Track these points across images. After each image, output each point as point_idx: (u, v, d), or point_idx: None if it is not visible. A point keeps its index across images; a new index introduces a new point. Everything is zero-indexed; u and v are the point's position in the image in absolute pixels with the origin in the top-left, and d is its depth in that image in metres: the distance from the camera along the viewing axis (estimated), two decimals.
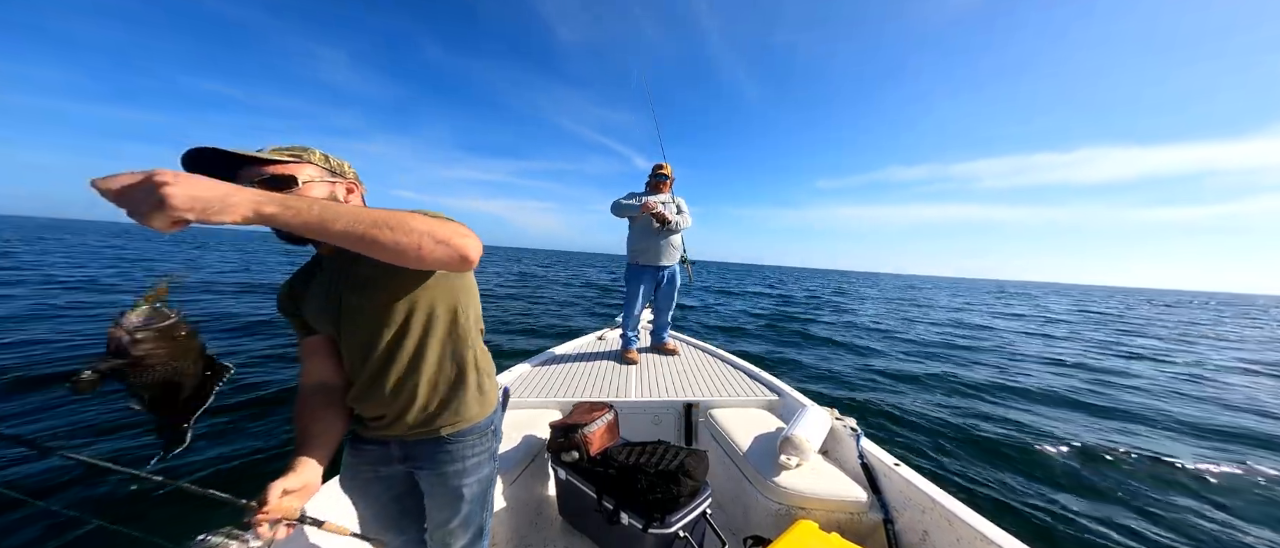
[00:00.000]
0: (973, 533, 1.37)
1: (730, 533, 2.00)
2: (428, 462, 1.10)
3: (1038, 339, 12.04)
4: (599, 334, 3.97)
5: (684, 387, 2.71)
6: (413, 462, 1.10)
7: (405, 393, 1.02)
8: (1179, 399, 6.36)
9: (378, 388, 1.02)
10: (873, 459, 1.81)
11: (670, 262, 3.44)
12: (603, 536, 1.86)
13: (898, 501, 1.66)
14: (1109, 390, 6.59)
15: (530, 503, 2.12)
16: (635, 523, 1.63)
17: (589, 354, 3.41)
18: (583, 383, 2.80)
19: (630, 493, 1.66)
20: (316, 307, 1.01)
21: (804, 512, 1.68)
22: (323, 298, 1.01)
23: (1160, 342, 12.92)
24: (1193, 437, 4.83)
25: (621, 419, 2.10)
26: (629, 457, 1.77)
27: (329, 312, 1.00)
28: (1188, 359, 9.99)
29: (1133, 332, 15.30)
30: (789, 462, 1.79)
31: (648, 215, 3.23)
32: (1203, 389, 7.06)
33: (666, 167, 3.47)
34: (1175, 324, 19.57)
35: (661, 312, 3.55)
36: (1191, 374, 8.27)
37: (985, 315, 18.26)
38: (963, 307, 22.92)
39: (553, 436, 1.93)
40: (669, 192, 3.47)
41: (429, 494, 1.12)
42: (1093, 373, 7.86)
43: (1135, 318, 21.94)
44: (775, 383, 2.65)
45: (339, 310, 1.00)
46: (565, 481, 1.95)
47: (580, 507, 1.93)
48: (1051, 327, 15.47)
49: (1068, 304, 31.77)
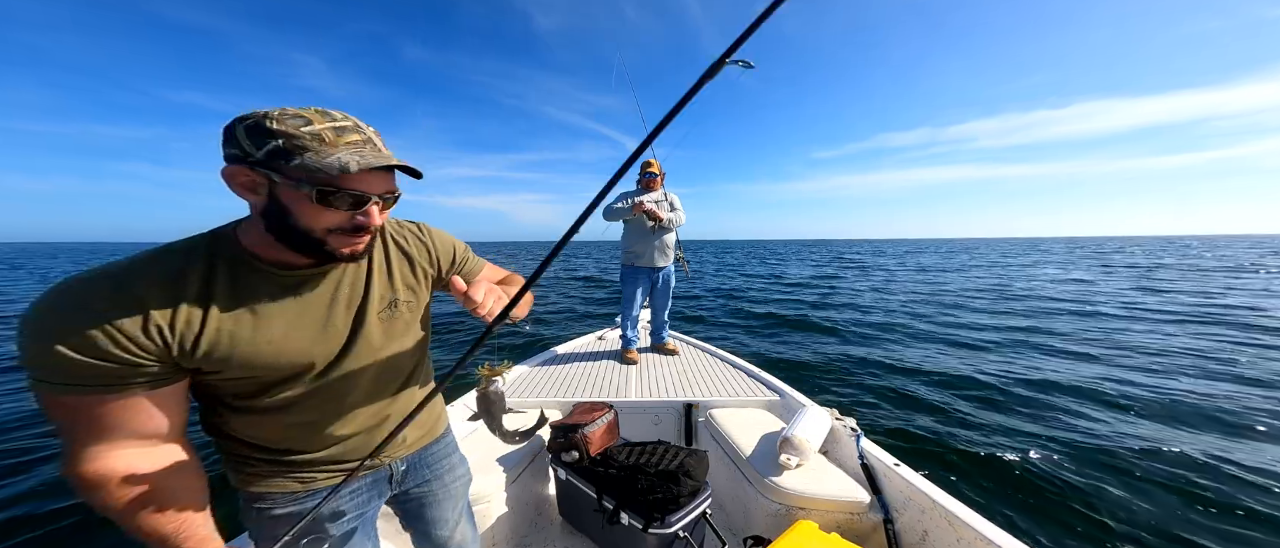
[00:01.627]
0: (973, 533, 1.37)
1: (730, 533, 2.00)
2: (431, 467, 1.09)
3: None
4: (599, 334, 3.97)
5: (684, 387, 2.71)
6: (413, 476, 1.06)
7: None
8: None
9: (386, 408, 0.92)
10: (873, 459, 1.81)
11: (665, 262, 3.43)
12: (603, 536, 1.86)
13: (898, 501, 1.66)
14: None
15: (530, 503, 2.12)
16: (635, 523, 1.63)
17: (589, 354, 3.41)
18: (583, 383, 2.80)
19: (630, 493, 1.66)
20: (282, 332, 0.74)
21: (804, 512, 1.68)
22: (304, 317, 0.77)
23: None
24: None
25: (621, 419, 2.10)
26: (629, 457, 1.77)
27: (329, 332, 0.80)
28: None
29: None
30: (789, 462, 1.79)
31: (641, 216, 3.22)
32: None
33: (655, 163, 3.42)
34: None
35: (659, 312, 3.55)
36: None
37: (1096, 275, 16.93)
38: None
39: (553, 436, 1.93)
40: (660, 188, 3.44)
41: (432, 500, 1.11)
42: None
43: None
44: (775, 383, 2.65)
45: (360, 328, 0.83)
46: (565, 481, 1.95)
47: (580, 507, 1.93)
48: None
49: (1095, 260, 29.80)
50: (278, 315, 0.74)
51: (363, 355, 0.84)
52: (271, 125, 0.62)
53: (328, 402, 0.83)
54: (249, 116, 0.63)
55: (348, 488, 0.91)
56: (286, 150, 0.62)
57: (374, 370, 0.88)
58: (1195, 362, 6.11)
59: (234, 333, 0.70)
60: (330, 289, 0.80)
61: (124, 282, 0.63)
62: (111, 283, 0.62)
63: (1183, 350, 6.69)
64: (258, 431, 0.80)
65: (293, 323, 0.75)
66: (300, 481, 0.85)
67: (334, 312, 0.80)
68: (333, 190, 0.66)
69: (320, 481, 0.86)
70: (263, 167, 0.63)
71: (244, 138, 0.62)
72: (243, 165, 0.64)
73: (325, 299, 0.79)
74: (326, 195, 0.66)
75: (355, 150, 0.66)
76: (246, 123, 0.62)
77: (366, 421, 0.89)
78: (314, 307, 0.78)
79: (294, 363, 0.76)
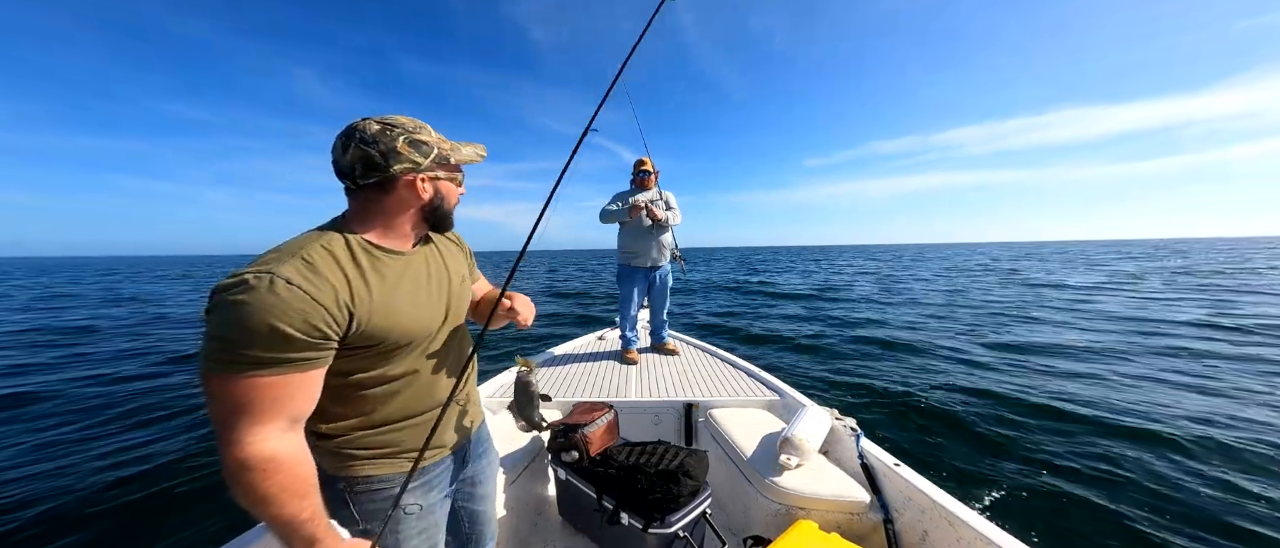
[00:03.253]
0: (973, 534, 1.37)
1: (730, 533, 2.00)
2: (482, 443, 1.18)
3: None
4: (599, 334, 3.97)
5: (684, 387, 2.71)
6: (474, 454, 1.14)
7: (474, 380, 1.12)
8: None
9: (468, 382, 1.03)
10: (873, 459, 1.81)
11: (662, 262, 3.43)
12: (603, 536, 1.86)
13: (898, 501, 1.66)
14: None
15: (530, 503, 2.12)
16: (635, 523, 1.63)
17: (589, 354, 3.41)
18: (583, 383, 2.80)
19: (630, 493, 1.66)
20: (411, 303, 0.87)
21: (804, 512, 1.68)
22: (419, 291, 0.90)
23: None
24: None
25: (621, 419, 2.10)
26: (629, 457, 1.77)
27: (434, 303, 0.93)
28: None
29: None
30: (789, 462, 1.79)
31: (637, 218, 3.21)
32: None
33: (649, 161, 3.39)
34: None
35: (657, 311, 3.55)
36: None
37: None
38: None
39: (553, 436, 1.93)
40: (655, 187, 3.42)
41: (484, 478, 1.18)
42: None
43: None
44: (775, 383, 2.65)
45: (449, 297, 0.98)
46: (565, 481, 1.95)
47: (580, 507, 1.93)
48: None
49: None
50: (405, 289, 0.87)
51: (453, 320, 0.99)
52: (422, 136, 0.84)
53: (434, 365, 0.95)
54: (391, 133, 0.80)
55: (442, 464, 1.00)
56: (442, 153, 0.86)
57: (459, 336, 1.02)
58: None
59: (389, 304, 0.82)
60: (425, 268, 0.94)
61: (312, 262, 0.72)
62: (304, 264, 0.71)
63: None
64: (378, 406, 0.87)
65: (415, 295, 0.89)
66: (411, 459, 0.90)
67: (432, 285, 0.95)
68: (461, 172, 0.95)
69: (425, 458, 0.92)
70: (431, 169, 0.86)
71: (411, 151, 0.82)
72: (417, 174, 0.84)
73: (424, 275, 0.93)
74: (460, 178, 0.95)
75: (448, 141, 0.91)
76: (407, 138, 0.81)
77: (450, 386, 0.98)
78: (422, 281, 0.92)
79: (425, 328, 0.90)
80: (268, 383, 0.66)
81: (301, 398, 0.71)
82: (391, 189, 0.83)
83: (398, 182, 0.82)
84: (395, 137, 0.80)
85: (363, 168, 0.79)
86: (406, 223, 0.89)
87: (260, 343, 0.64)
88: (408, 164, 0.81)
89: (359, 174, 0.80)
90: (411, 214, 0.89)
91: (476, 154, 0.93)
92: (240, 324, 0.64)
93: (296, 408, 0.71)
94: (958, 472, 3.41)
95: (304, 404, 0.73)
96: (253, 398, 0.65)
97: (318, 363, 0.72)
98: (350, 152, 0.78)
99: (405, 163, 0.81)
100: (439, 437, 0.95)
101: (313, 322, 0.69)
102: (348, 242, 0.80)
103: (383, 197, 0.84)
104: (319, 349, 0.71)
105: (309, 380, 0.72)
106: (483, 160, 0.95)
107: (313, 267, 0.72)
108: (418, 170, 0.83)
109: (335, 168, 0.82)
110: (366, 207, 0.85)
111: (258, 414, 0.66)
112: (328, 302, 0.71)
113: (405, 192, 0.84)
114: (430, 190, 0.87)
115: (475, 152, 0.93)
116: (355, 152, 0.78)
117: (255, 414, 0.66)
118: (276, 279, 0.67)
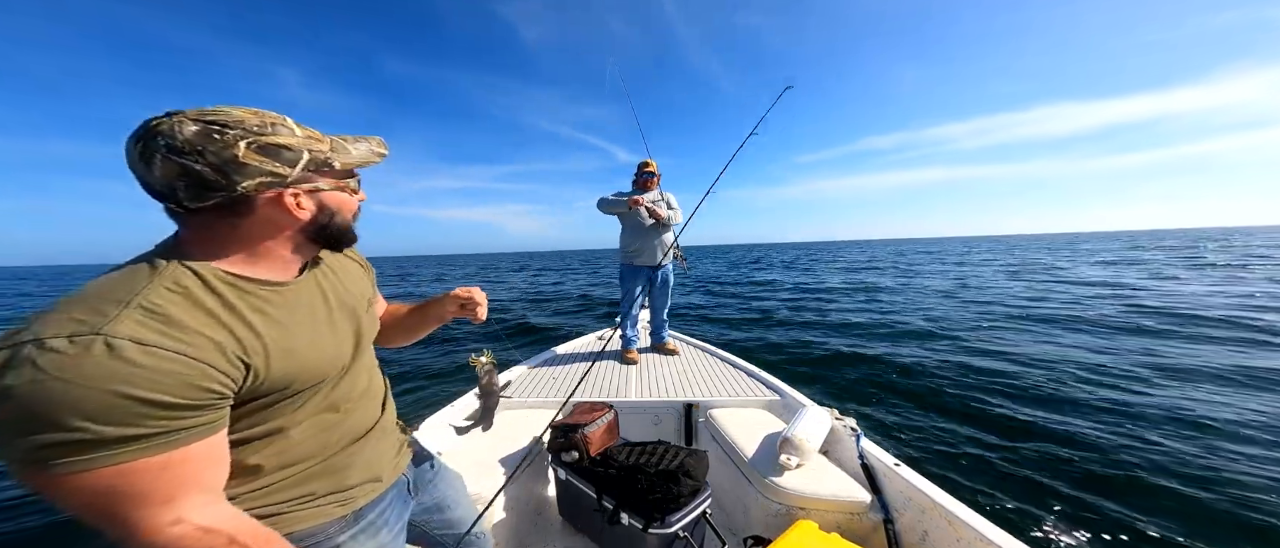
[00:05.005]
0: (973, 534, 1.37)
1: (730, 533, 2.00)
2: (428, 469, 1.09)
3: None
4: (599, 334, 3.97)
5: (684, 387, 2.71)
6: (423, 481, 1.06)
7: (392, 407, 0.99)
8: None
9: (387, 415, 0.93)
10: (873, 459, 1.81)
11: (664, 260, 3.44)
12: (603, 536, 1.86)
13: (898, 501, 1.66)
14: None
15: (530, 503, 2.12)
16: (635, 523, 1.63)
17: (589, 354, 3.41)
18: (583, 383, 2.80)
19: (630, 493, 1.66)
20: (310, 343, 0.72)
21: (804, 512, 1.68)
22: (320, 325, 0.75)
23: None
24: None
25: (621, 419, 2.10)
26: (629, 457, 1.77)
27: (340, 336, 0.80)
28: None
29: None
30: (789, 462, 1.78)
31: (638, 214, 3.22)
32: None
33: (652, 163, 3.43)
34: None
35: (658, 311, 3.55)
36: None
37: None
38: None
39: (552, 436, 1.93)
40: (657, 188, 3.45)
41: (449, 500, 1.12)
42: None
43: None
44: (775, 383, 2.65)
45: (358, 326, 0.85)
46: (565, 481, 1.95)
47: (580, 507, 1.93)
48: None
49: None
50: (300, 327, 0.71)
51: (365, 349, 0.88)
52: (278, 138, 0.62)
53: (347, 401, 0.82)
54: (222, 136, 0.57)
55: (383, 501, 0.89)
56: (318, 157, 0.67)
57: (370, 364, 0.91)
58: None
59: (285, 348, 0.66)
60: (320, 296, 0.78)
61: (165, 314, 0.54)
62: (149, 316, 0.53)
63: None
64: (298, 453, 0.74)
65: (314, 331, 0.74)
66: (340, 503, 0.80)
67: (335, 316, 0.80)
68: (356, 176, 0.76)
69: (359, 499, 0.83)
70: (304, 179, 0.66)
71: (264, 160, 0.60)
72: (282, 189, 0.64)
73: (322, 306, 0.78)
74: (356, 183, 0.77)
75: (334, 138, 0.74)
76: (251, 142, 0.59)
77: (373, 414, 0.89)
78: (320, 314, 0.76)
79: (335, 364, 0.76)
80: (160, 462, 0.53)
81: (215, 465, 0.60)
82: (246, 211, 0.63)
83: (254, 201, 0.62)
84: (230, 141, 0.57)
85: (189, 189, 0.57)
86: (282, 248, 0.70)
87: (130, 422, 0.50)
88: (264, 178, 0.61)
89: (184, 197, 0.58)
90: (288, 237, 0.70)
91: (373, 153, 0.74)
92: (90, 407, 0.47)
93: (211, 478, 0.59)
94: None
95: (220, 473, 0.61)
96: (149, 482, 0.52)
97: (218, 426, 0.59)
98: (159, 165, 0.55)
99: (258, 178, 0.60)
100: (368, 472, 0.85)
101: (199, 384, 0.54)
102: (201, 276, 0.60)
103: (236, 220, 0.63)
104: (218, 410, 0.58)
105: (214, 446, 0.59)
106: (383, 160, 0.76)
107: (168, 319, 0.54)
108: (281, 184, 0.63)
109: (143, 186, 0.59)
110: (211, 232, 0.64)
111: (170, 494, 0.54)
112: (210, 358, 0.55)
113: (271, 211, 0.65)
114: (311, 207, 0.68)
115: (371, 149, 0.73)
116: (167, 165, 0.55)
117: (160, 497, 0.53)
118: (116, 343, 0.49)
